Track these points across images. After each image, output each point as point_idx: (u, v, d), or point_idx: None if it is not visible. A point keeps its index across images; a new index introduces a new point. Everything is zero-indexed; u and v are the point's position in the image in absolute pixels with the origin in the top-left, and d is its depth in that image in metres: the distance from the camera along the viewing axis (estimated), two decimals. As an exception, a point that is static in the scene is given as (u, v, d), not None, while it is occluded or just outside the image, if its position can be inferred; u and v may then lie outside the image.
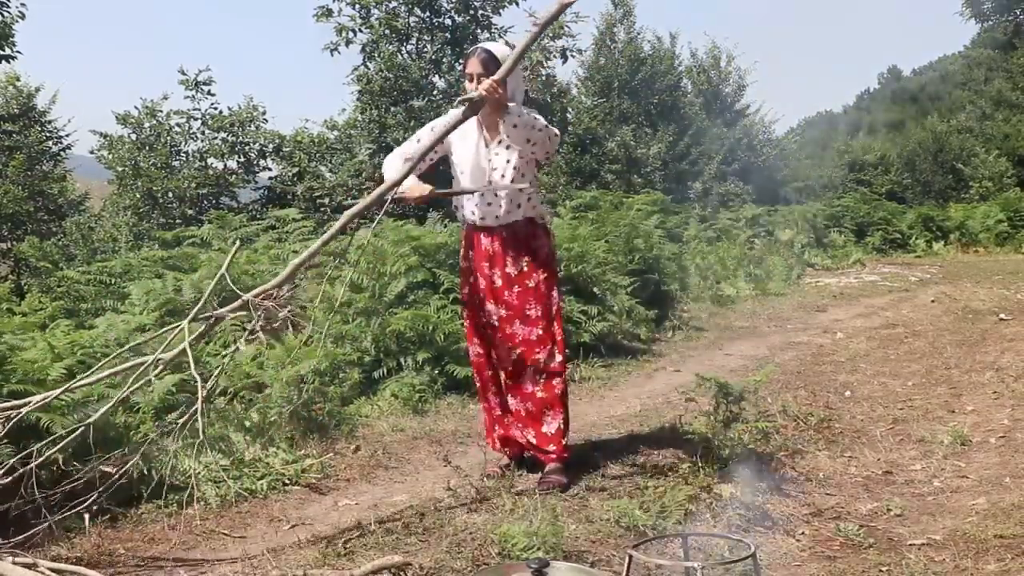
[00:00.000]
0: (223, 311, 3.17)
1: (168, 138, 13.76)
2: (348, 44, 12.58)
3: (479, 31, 13.05)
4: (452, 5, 13.04)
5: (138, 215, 13.45)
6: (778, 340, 7.47)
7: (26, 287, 9.76)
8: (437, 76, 12.89)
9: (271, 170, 14.22)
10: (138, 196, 13.40)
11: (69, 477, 3.20)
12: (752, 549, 2.22)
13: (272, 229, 8.08)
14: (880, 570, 2.83)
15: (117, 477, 3.14)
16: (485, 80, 3.38)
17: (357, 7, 12.66)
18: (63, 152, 15.49)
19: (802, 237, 15.15)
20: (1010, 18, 26.88)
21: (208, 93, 13.73)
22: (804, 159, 30.17)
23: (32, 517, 3.04)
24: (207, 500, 3.56)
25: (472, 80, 3.55)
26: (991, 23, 28.20)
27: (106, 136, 13.94)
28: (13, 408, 3.08)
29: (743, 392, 4.02)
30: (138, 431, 3.79)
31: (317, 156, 14.01)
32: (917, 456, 4.05)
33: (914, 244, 16.86)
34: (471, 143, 3.62)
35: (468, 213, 3.69)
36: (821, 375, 5.93)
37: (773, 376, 5.35)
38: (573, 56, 13.25)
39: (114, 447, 3.46)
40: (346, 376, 5.15)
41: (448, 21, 13.10)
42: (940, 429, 4.38)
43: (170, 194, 13.31)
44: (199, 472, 3.69)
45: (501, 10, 13.23)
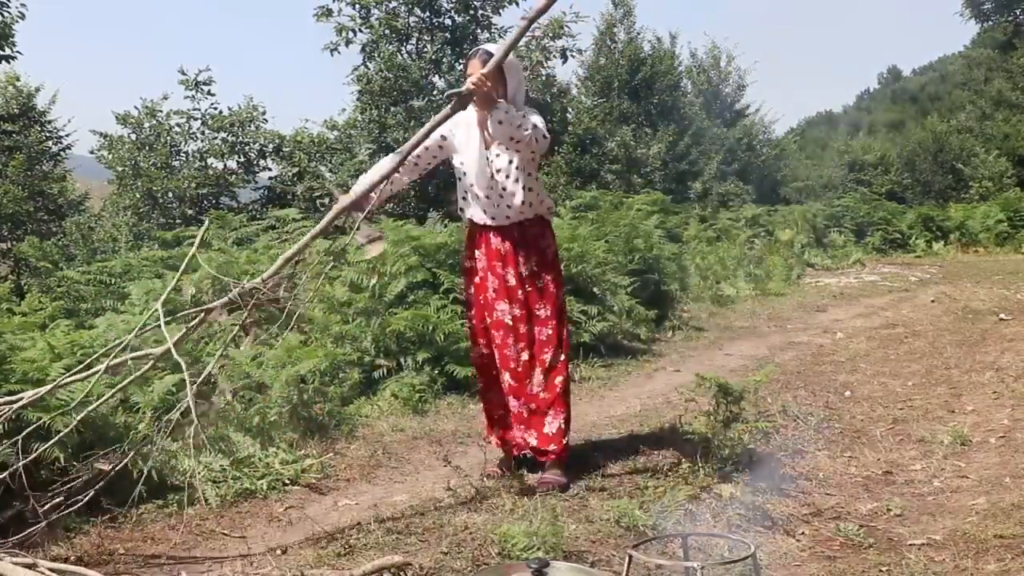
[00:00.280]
0: (212, 305, 3.18)
1: (168, 138, 13.76)
2: (348, 44, 12.59)
3: (479, 31, 13.05)
4: (452, 5, 13.04)
5: (138, 215, 13.46)
6: (778, 340, 7.46)
7: (26, 287, 9.76)
8: (437, 76, 12.89)
9: (271, 170, 14.23)
10: (138, 196, 13.40)
11: (68, 476, 3.20)
12: (752, 549, 2.22)
13: (272, 229, 8.08)
14: (880, 570, 2.83)
15: (109, 473, 3.14)
16: (476, 74, 3.37)
17: (357, 7, 12.66)
18: (63, 152, 15.48)
19: (802, 237, 15.16)
20: (1010, 18, 26.88)
21: (208, 93, 13.74)
22: (804, 159, 30.21)
23: (31, 517, 3.04)
24: (207, 500, 3.56)
25: None
26: (991, 23, 28.20)
27: (106, 136, 13.94)
28: (3, 404, 3.08)
29: (743, 392, 4.01)
30: (137, 430, 3.79)
31: (317, 156, 14.02)
32: (917, 456, 4.05)
33: (914, 244, 16.86)
34: (474, 146, 3.62)
35: (477, 214, 3.70)
36: (821, 375, 5.93)
37: (773, 376, 5.35)
38: (573, 56, 13.24)
39: (113, 446, 3.46)
40: (346, 376, 5.15)
41: (448, 21, 13.10)
42: (940, 429, 4.38)
43: (170, 194, 13.31)
44: (199, 472, 3.69)
45: (501, 10, 13.23)
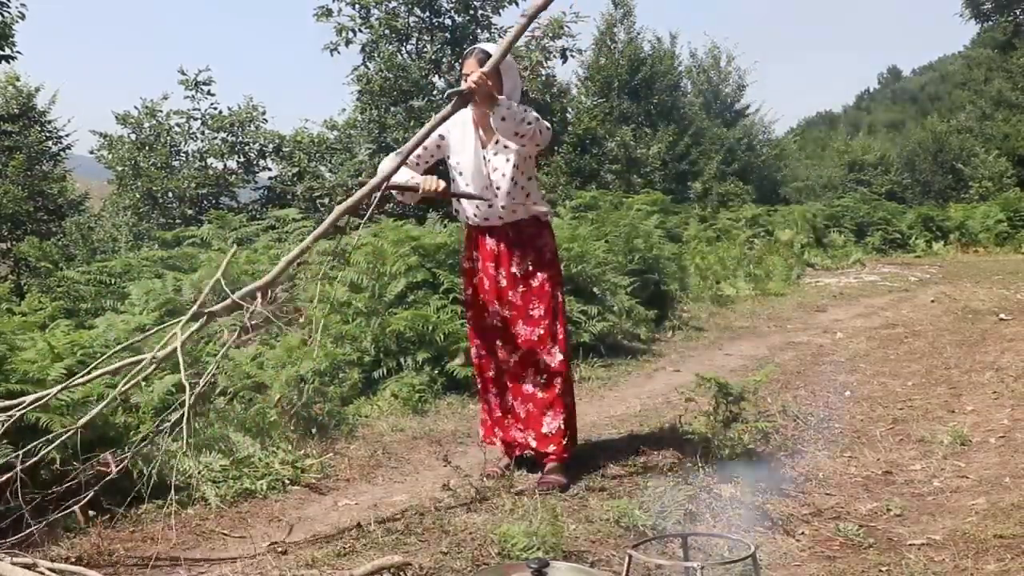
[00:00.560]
0: (215, 308, 3.18)
1: (168, 138, 13.77)
2: (348, 44, 12.60)
3: (479, 31, 13.05)
4: (452, 5, 13.05)
5: (138, 215, 13.47)
6: (778, 340, 7.46)
7: (26, 287, 9.76)
8: (437, 76, 12.90)
9: (271, 170, 14.24)
10: (138, 196, 13.42)
11: (68, 476, 3.20)
12: (752, 549, 2.22)
13: (272, 229, 8.08)
14: (880, 570, 2.83)
15: (112, 475, 3.14)
16: (475, 72, 3.35)
17: (357, 7, 12.68)
18: (63, 152, 15.49)
19: (802, 237, 15.17)
20: (1010, 18, 26.88)
21: (208, 93, 13.76)
22: (804, 159, 30.22)
23: (31, 517, 3.03)
24: (207, 500, 3.56)
25: (467, 80, 3.55)
26: (991, 23, 28.21)
27: (106, 136, 13.95)
28: (7, 409, 3.08)
29: (743, 392, 4.01)
30: (137, 431, 3.79)
31: (317, 156, 14.03)
32: (917, 456, 4.05)
33: (914, 244, 16.86)
34: (469, 145, 3.60)
35: (471, 214, 3.68)
36: (821, 375, 5.93)
37: (773, 376, 5.35)
38: (573, 56, 13.25)
39: (113, 447, 3.46)
40: (346, 376, 5.15)
41: (448, 21, 13.11)
42: (940, 429, 4.38)
43: (170, 194, 13.33)
44: (199, 472, 3.69)
45: (501, 10, 13.24)
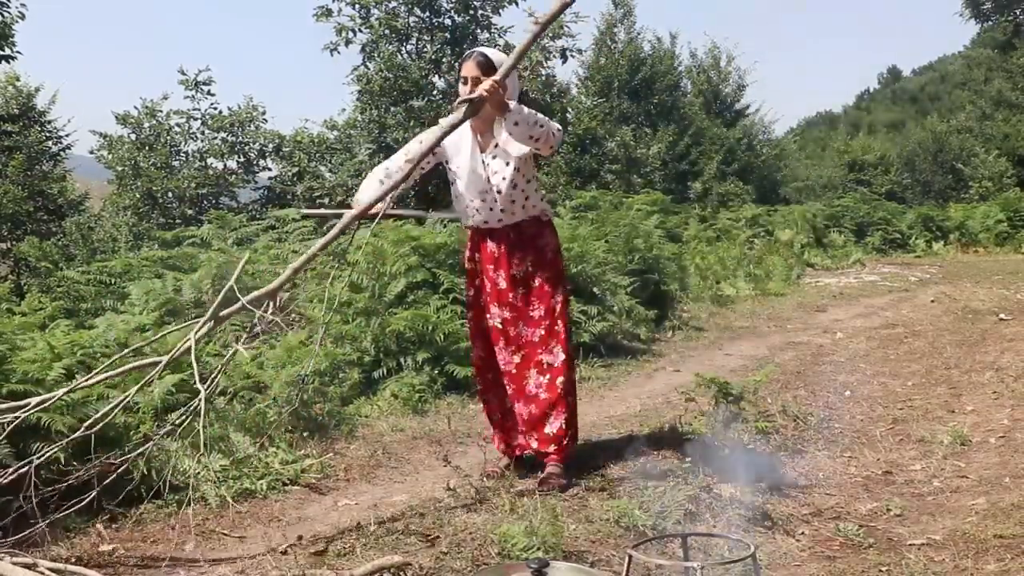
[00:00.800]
0: (223, 314, 3.18)
1: (168, 138, 13.79)
2: (348, 44, 12.59)
3: (479, 31, 13.05)
4: (452, 5, 13.05)
5: (138, 215, 13.48)
6: (778, 340, 7.46)
7: (26, 287, 9.76)
8: (437, 76, 12.89)
9: (271, 170, 14.27)
10: (138, 196, 13.43)
11: (68, 477, 3.20)
12: (752, 549, 2.22)
13: (272, 229, 8.08)
14: (880, 570, 2.83)
15: (114, 477, 3.14)
16: (485, 80, 3.33)
17: (357, 7, 12.67)
18: (63, 152, 15.49)
19: (802, 237, 15.17)
20: (1010, 18, 26.89)
21: (208, 93, 13.78)
22: (804, 159, 30.23)
23: (32, 517, 3.03)
24: (207, 500, 3.56)
25: (466, 83, 3.51)
26: (991, 23, 28.22)
27: (106, 136, 13.96)
28: (11, 410, 3.08)
29: (743, 392, 4.02)
30: (138, 431, 3.79)
31: (317, 156, 14.04)
32: (917, 456, 4.05)
33: (914, 244, 16.86)
34: (466, 150, 3.59)
35: (473, 217, 3.68)
36: (821, 375, 5.92)
37: (773, 376, 5.35)
38: (573, 56, 13.25)
39: (114, 447, 3.46)
40: (346, 376, 5.15)
41: (448, 21, 13.10)
42: (940, 429, 4.38)
43: (170, 194, 13.35)
44: (199, 472, 3.69)
45: (501, 10, 13.23)
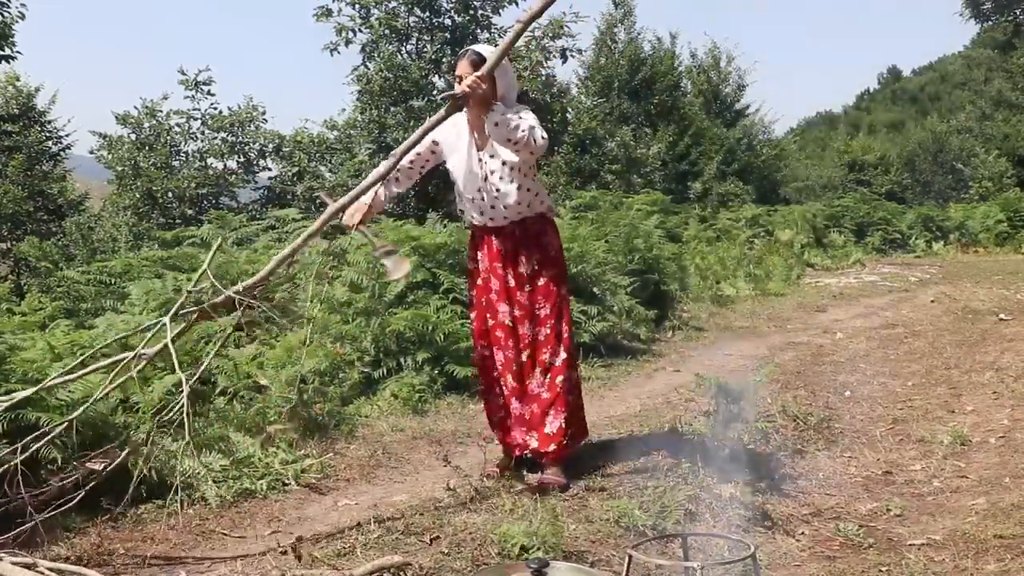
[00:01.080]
0: (204, 305, 3.18)
1: (168, 138, 13.79)
2: (348, 44, 12.60)
3: (479, 31, 13.05)
4: (452, 5, 13.05)
5: (138, 215, 13.48)
6: (778, 340, 7.46)
7: (26, 287, 9.77)
8: (437, 76, 12.90)
9: (271, 170, 14.27)
10: (138, 196, 13.43)
11: (67, 475, 3.20)
12: (752, 549, 2.22)
13: (272, 229, 8.08)
14: (880, 570, 2.83)
15: (102, 473, 3.14)
16: (469, 76, 3.35)
17: (357, 7, 12.68)
18: (63, 152, 15.51)
19: (802, 237, 15.17)
20: (1010, 18, 26.91)
21: (208, 93, 13.78)
22: (804, 159, 30.23)
23: (30, 516, 3.03)
24: (207, 500, 3.56)
25: (460, 81, 3.53)
26: (991, 23, 28.23)
27: (106, 136, 13.96)
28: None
29: (743, 392, 4.01)
30: (137, 431, 3.79)
31: (317, 156, 14.04)
32: (917, 456, 4.05)
33: (914, 244, 16.86)
34: (462, 148, 3.60)
35: (475, 216, 3.68)
36: (821, 375, 5.92)
37: (773, 376, 5.35)
38: (573, 56, 13.25)
39: (110, 446, 3.46)
40: (346, 376, 5.15)
41: (448, 21, 13.11)
42: (940, 429, 4.38)
43: (170, 194, 13.34)
44: (199, 472, 3.69)
45: (501, 10, 13.24)
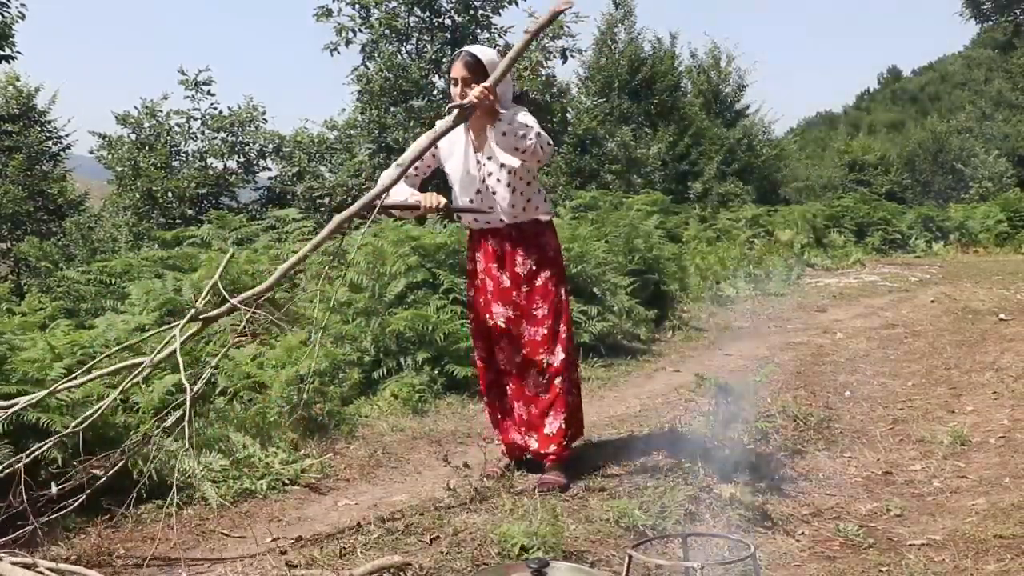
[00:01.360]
0: (212, 314, 3.17)
1: (168, 138, 13.79)
2: (348, 44, 12.60)
3: (479, 31, 13.06)
4: (452, 5, 13.05)
5: (138, 215, 13.48)
6: (778, 340, 7.46)
7: (26, 287, 9.77)
8: (437, 76, 12.89)
9: (271, 170, 14.27)
10: (138, 196, 13.42)
11: (65, 477, 3.20)
12: (752, 549, 2.22)
13: (272, 229, 8.08)
14: (880, 570, 2.83)
15: (103, 478, 3.15)
16: (475, 86, 3.30)
17: (357, 7, 12.68)
18: (63, 152, 15.51)
19: (802, 237, 15.16)
20: (1010, 18, 26.91)
21: (208, 93, 13.78)
22: (804, 159, 30.23)
23: (32, 517, 3.03)
24: (207, 500, 3.56)
25: (456, 84, 3.48)
26: (991, 23, 28.24)
27: (105, 136, 13.96)
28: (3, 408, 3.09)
29: (743, 392, 4.02)
30: (137, 431, 3.79)
31: (317, 156, 14.05)
32: (917, 456, 4.05)
33: (914, 244, 16.86)
34: (458, 150, 3.59)
35: (472, 219, 3.68)
36: (821, 375, 5.92)
37: (773, 376, 5.35)
38: (573, 56, 13.25)
39: (113, 447, 3.46)
40: (346, 376, 5.15)
41: (448, 21, 13.10)
42: (940, 429, 4.38)
43: (170, 194, 13.33)
44: (199, 472, 3.69)
45: (501, 10, 13.24)
